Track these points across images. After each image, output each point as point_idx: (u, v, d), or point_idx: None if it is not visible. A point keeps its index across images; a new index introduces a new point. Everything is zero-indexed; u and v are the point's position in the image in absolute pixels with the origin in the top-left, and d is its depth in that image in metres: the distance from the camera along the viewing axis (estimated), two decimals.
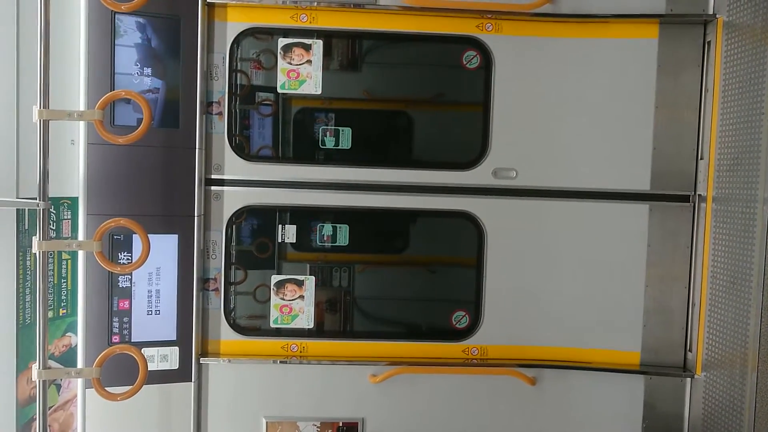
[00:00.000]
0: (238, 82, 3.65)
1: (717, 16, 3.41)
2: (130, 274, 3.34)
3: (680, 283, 3.59)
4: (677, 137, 3.55)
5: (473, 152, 3.62)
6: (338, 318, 3.92)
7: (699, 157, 3.55)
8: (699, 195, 3.54)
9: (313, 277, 3.68)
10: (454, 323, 3.73)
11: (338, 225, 3.75)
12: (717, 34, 3.41)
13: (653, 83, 3.53)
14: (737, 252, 3.19)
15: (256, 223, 3.79)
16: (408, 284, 4.13)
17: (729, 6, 3.33)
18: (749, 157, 3.12)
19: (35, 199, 3.02)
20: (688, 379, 3.56)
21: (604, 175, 3.59)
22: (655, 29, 3.52)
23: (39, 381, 3.01)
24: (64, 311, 3.44)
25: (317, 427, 3.59)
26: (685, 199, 3.57)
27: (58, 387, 3.43)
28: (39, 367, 3.01)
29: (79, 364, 3.34)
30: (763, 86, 3.02)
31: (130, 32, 3.29)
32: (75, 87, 3.27)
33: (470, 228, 3.62)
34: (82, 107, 3.25)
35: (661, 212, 3.58)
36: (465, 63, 3.63)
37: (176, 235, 3.41)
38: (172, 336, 3.44)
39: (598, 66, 3.56)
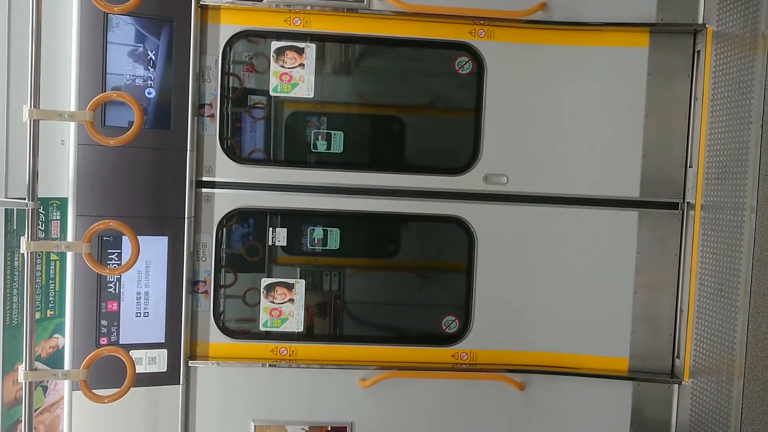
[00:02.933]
0: (231, 85, 3.64)
1: (706, 25, 3.44)
2: (119, 276, 3.33)
3: (668, 289, 3.61)
4: (666, 145, 3.58)
5: (465, 157, 3.63)
6: (328, 322, 3.92)
7: (688, 165, 3.58)
8: (687, 202, 3.57)
9: (303, 281, 3.67)
10: (444, 328, 3.73)
11: (329, 228, 3.75)
12: (706, 43, 3.44)
13: (643, 91, 3.56)
14: (725, 259, 3.21)
15: (247, 225, 3.78)
16: (398, 289, 4.14)
17: (718, 16, 3.37)
18: (737, 166, 3.15)
19: (24, 199, 3.00)
20: (676, 386, 3.58)
21: (594, 182, 3.62)
22: (645, 38, 3.55)
23: (25, 382, 2.98)
24: (52, 312, 3.41)
25: (306, 431, 3.58)
26: (673, 206, 3.59)
27: (45, 389, 3.41)
28: (25, 369, 2.98)
29: (66, 365, 3.32)
30: (752, 95, 3.06)
31: (122, 33, 3.29)
32: (66, 87, 3.26)
33: (461, 233, 3.63)
34: (73, 107, 3.23)
35: (650, 219, 3.60)
36: (457, 69, 3.65)
37: (166, 237, 3.40)
38: (161, 338, 3.42)
39: (589, 73, 3.58)
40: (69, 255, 3.29)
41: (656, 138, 3.58)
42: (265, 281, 3.66)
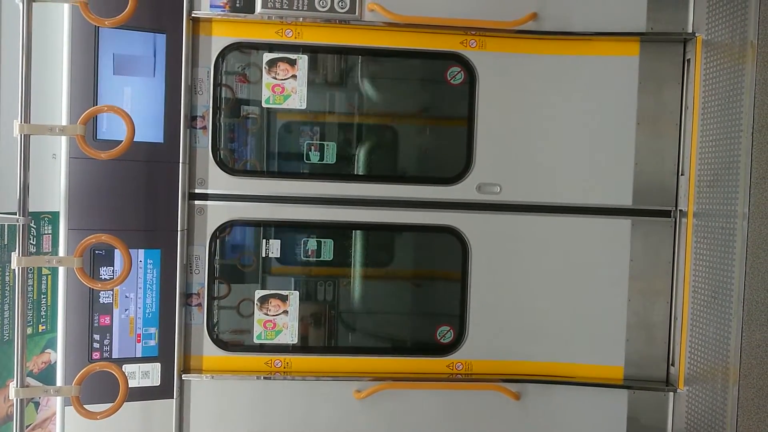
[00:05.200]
0: (223, 97, 3.64)
1: (696, 34, 3.47)
2: (112, 290, 3.31)
3: (662, 297, 3.62)
4: (658, 153, 3.60)
5: (457, 167, 3.63)
6: (322, 333, 3.91)
7: (680, 173, 3.59)
8: (680, 210, 3.58)
9: (297, 292, 3.66)
10: (439, 338, 3.72)
11: (322, 240, 3.74)
12: (696, 52, 3.47)
13: (634, 100, 3.58)
14: (718, 267, 3.22)
15: (240, 237, 3.77)
16: (392, 299, 4.13)
17: (707, 25, 3.40)
18: (729, 173, 3.16)
19: (15, 214, 2.98)
20: (671, 394, 3.58)
21: (586, 191, 3.62)
22: (636, 47, 3.57)
23: (16, 399, 2.96)
24: (44, 327, 3.38)
25: None
26: (666, 214, 3.60)
27: (37, 405, 3.37)
28: (17, 385, 2.95)
29: (59, 381, 3.28)
30: (742, 103, 3.07)
31: (113, 46, 3.28)
32: (57, 101, 3.25)
33: (454, 243, 3.63)
34: (64, 122, 3.22)
35: (643, 227, 3.61)
36: (449, 79, 3.66)
37: (159, 250, 3.38)
38: (154, 352, 3.40)
39: (581, 82, 3.60)
40: (61, 270, 3.27)
41: (648, 146, 3.59)
42: (259, 293, 3.64)
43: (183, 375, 3.46)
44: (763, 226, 2.98)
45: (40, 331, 3.37)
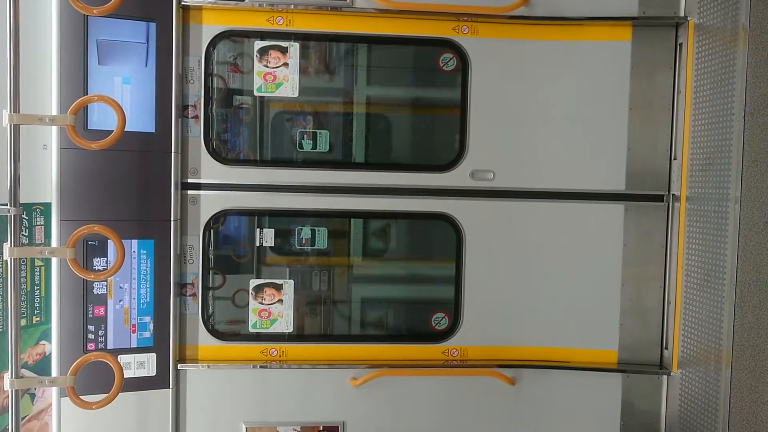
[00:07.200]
0: (215, 86, 3.62)
1: (688, 18, 3.47)
2: (106, 280, 3.30)
3: (656, 281, 3.64)
4: (651, 138, 3.60)
5: (451, 154, 3.63)
6: (318, 321, 3.91)
7: (672, 158, 3.60)
8: (673, 195, 3.59)
9: (291, 281, 3.66)
10: (434, 325, 3.73)
11: (317, 228, 3.74)
12: (688, 36, 3.46)
13: (627, 85, 3.58)
14: (710, 250, 3.24)
15: (234, 227, 3.76)
16: (387, 287, 4.13)
17: (699, 9, 3.39)
18: (721, 157, 3.17)
19: (6, 205, 2.96)
20: (665, 377, 3.61)
21: (580, 176, 3.63)
22: (628, 32, 3.57)
23: (11, 390, 2.95)
24: (38, 319, 3.37)
25: None
26: (659, 198, 3.62)
27: (32, 396, 3.37)
28: (11, 377, 2.95)
29: (54, 372, 3.28)
30: (734, 87, 3.08)
31: (103, 35, 3.25)
32: (47, 90, 3.22)
33: (449, 230, 3.64)
34: (54, 111, 3.20)
35: (636, 212, 3.63)
36: (442, 65, 3.65)
37: (152, 240, 3.37)
38: (149, 342, 3.40)
39: (573, 68, 3.60)
40: (54, 260, 3.25)
41: (641, 131, 3.60)
42: (254, 282, 3.64)
43: (179, 365, 3.47)
44: (755, 210, 2.99)
45: (34, 322, 3.36)
